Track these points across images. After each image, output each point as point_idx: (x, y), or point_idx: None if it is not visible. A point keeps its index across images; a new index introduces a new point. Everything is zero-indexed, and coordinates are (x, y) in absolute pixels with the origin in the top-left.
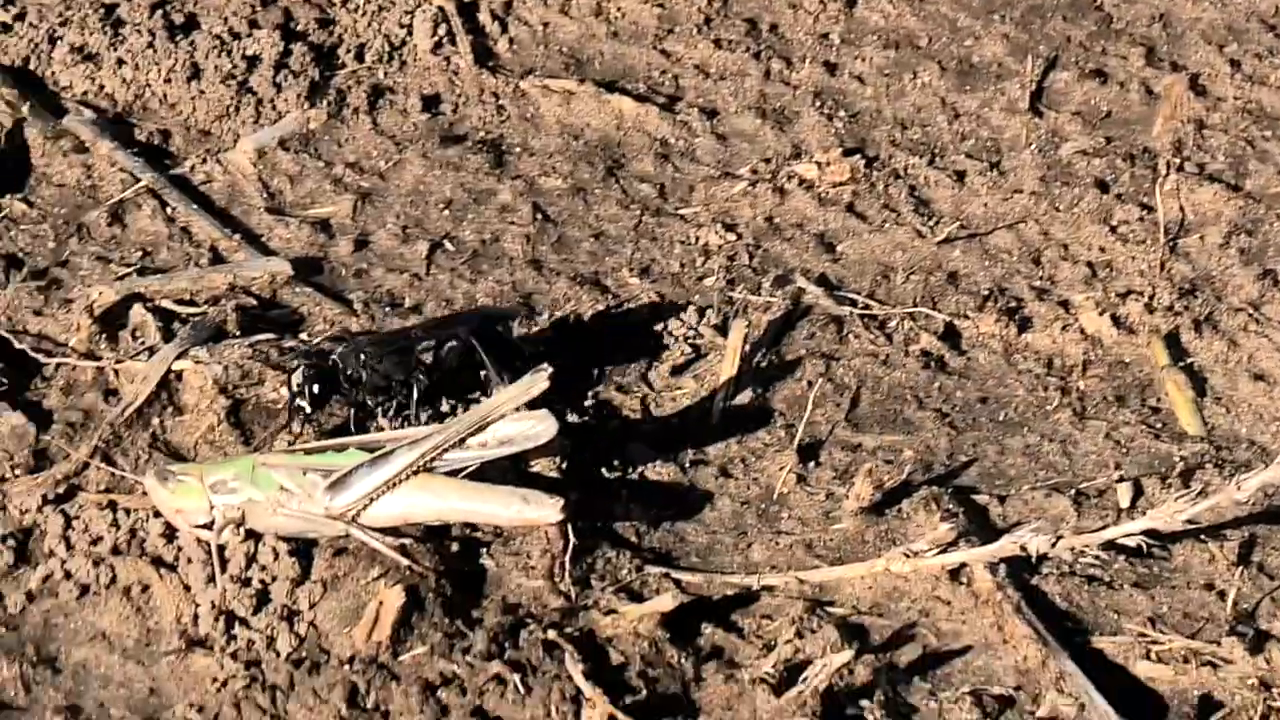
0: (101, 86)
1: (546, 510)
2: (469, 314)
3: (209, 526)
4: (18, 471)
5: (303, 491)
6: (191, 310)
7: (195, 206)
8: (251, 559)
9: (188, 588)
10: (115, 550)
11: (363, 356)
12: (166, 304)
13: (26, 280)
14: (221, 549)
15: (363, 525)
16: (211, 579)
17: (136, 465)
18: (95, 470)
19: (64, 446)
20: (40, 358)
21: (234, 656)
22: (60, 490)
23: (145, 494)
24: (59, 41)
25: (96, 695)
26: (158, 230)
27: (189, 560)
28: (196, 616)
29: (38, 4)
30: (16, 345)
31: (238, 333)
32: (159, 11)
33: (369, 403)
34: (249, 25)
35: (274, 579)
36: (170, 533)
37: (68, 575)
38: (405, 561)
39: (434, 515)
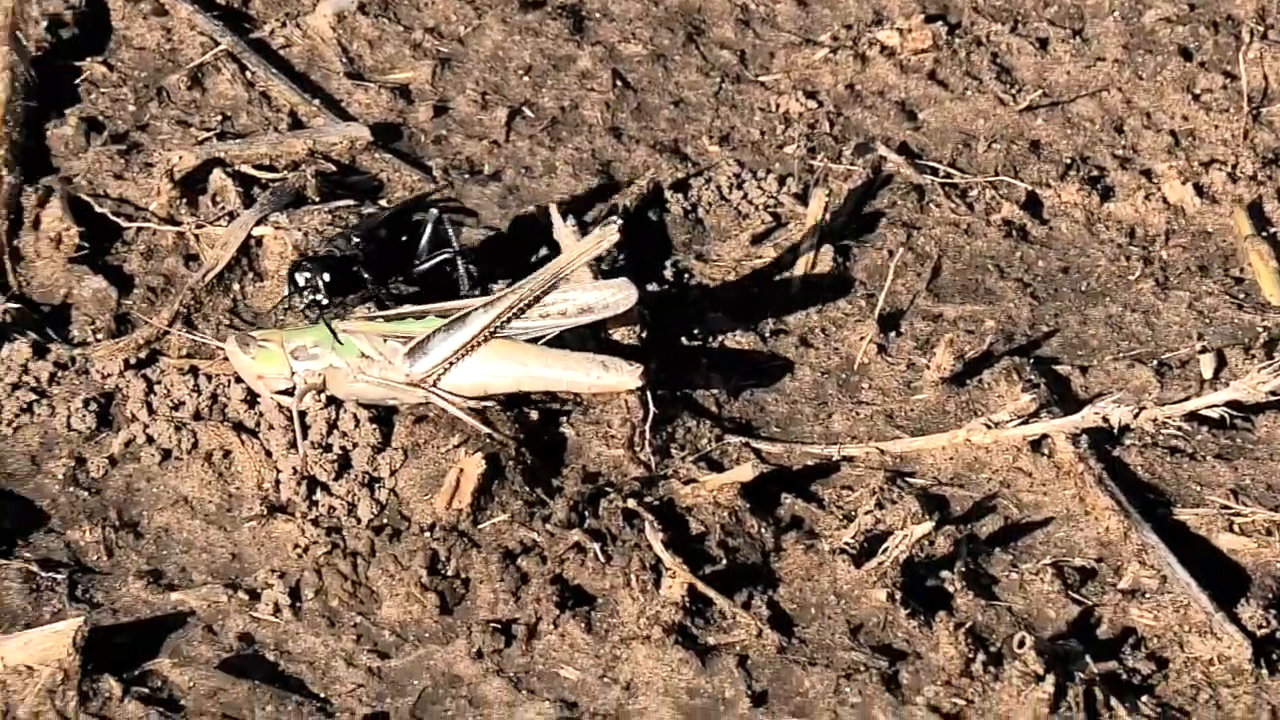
0: None
1: (625, 377)
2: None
3: (289, 392)
4: (99, 336)
5: (383, 358)
6: (271, 175)
7: (275, 71)
8: (333, 426)
9: (269, 453)
10: (197, 415)
11: (352, 240)
12: (246, 169)
13: (107, 144)
14: (303, 415)
15: (442, 391)
16: (293, 445)
17: (217, 331)
18: (176, 335)
19: (145, 311)
20: (121, 222)
21: (315, 523)
22: (142, 355)
23: (226, 359)
24: None
25: (178, 560)
26: (237, 95)
27: (270, 426)
28: (278, 482)
29: None
30: (97, 209)
31: (317, 198)
32: None
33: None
34: None
35: (355, 446)
36: (252, 398)
37: (150, 440)
38: (484, 428)
39: (513, 383)
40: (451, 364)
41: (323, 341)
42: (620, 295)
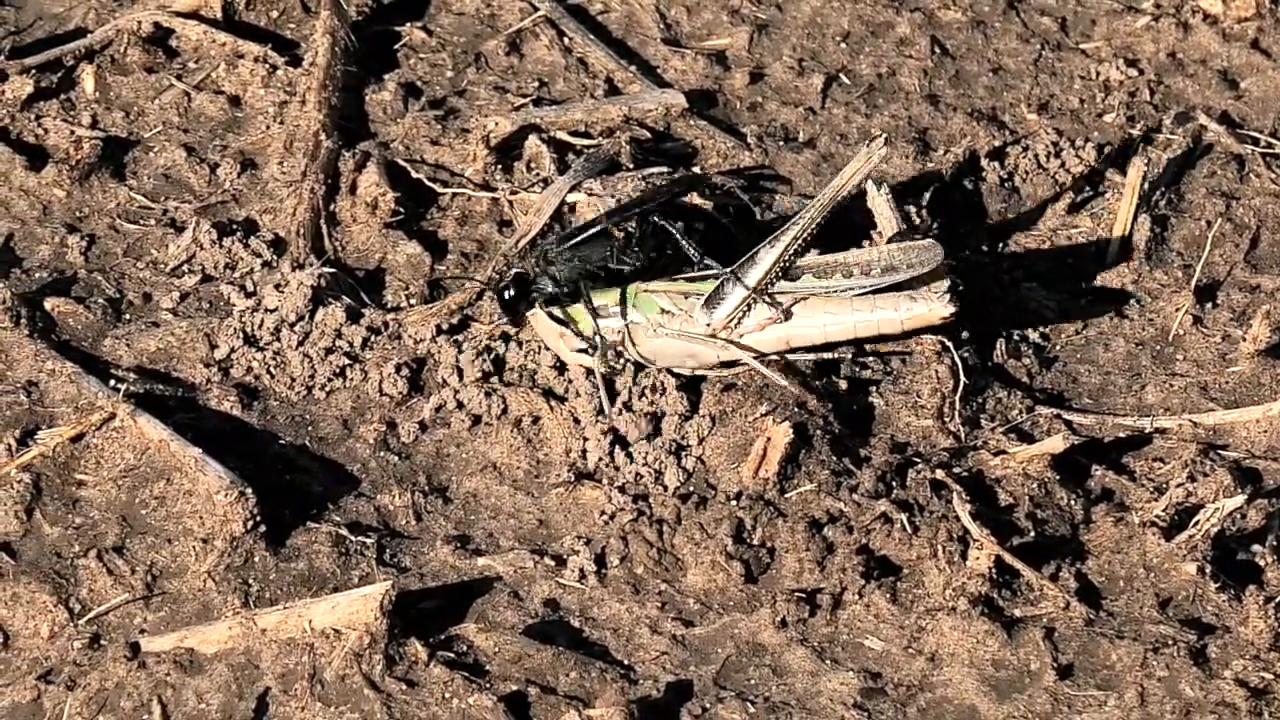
0: None
1: (936, 304)
2: (653, 194)
3: (590, 351)
4: (413, 301)
5: (683, 313)
6: (586, 142)
7: (592, 37)
8: (641, 394)
9: (577, 420)
10: (507, 382)
11: (552, 253)
12: (561, 135)
13: (424, 109)
14: (609, 380)
15: (742, 343)
16: (600, 411)
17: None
18: (489, 301)
19: (459, 276)
20: (436, 187)
21: (622, 490)
22: (454, 320)
23: (530, 322)
24: None
25: (486, 525)
26: (554, 61)
27: (579, 393)
28: (585, 450)
29: None
30: (414, 174)
31: (631, 165)
32: None
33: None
34: None
35: (663, 414)
36: (561, 365)
37: (460, 405)
38: (782, 381)
39: (820, 334)
40: (750, 305)
41: (623, 299)
42: (927, 255)
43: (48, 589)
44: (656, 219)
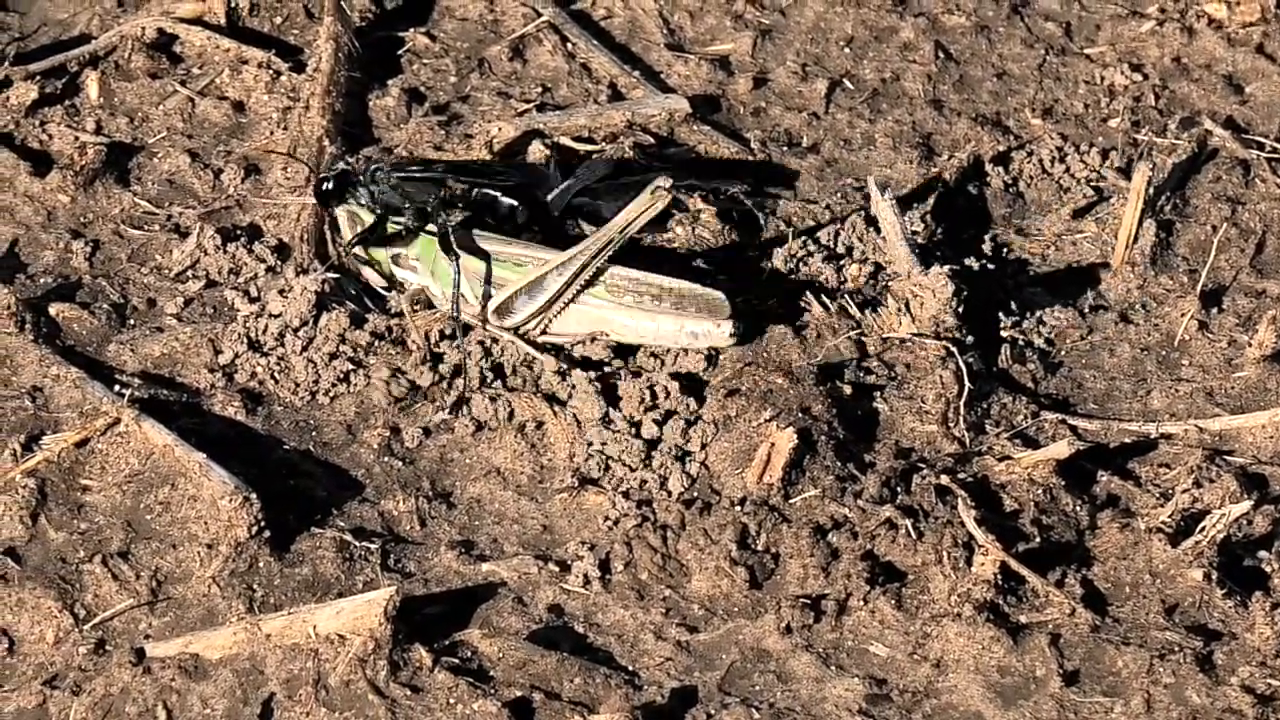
0: None
1: (716, 336)
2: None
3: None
4: (417, 306)
5: (476, 301)
6: (590, 147)
7: (595, 42)
8: (641, 399)
9: (580, 425)
10: (510, 387)
11: (382, 174)
12: (565, 141)
13: (428, 114)
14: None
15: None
16: (605, 419)
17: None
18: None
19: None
20: None
21: (626, 495)
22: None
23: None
24: None
25: (490, 530)
26: (558, 66)
27: (583, 397)
28: (588, 454)
29: None
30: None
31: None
32: None
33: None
34: None
35: (666, 418)
36: (563, 371)
37: (463, 411)
38: (537, 354)
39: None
40: (535, 321)
41: (424, 258)
42: (715, 305)
43: (53, 594)
44: (488, 191)
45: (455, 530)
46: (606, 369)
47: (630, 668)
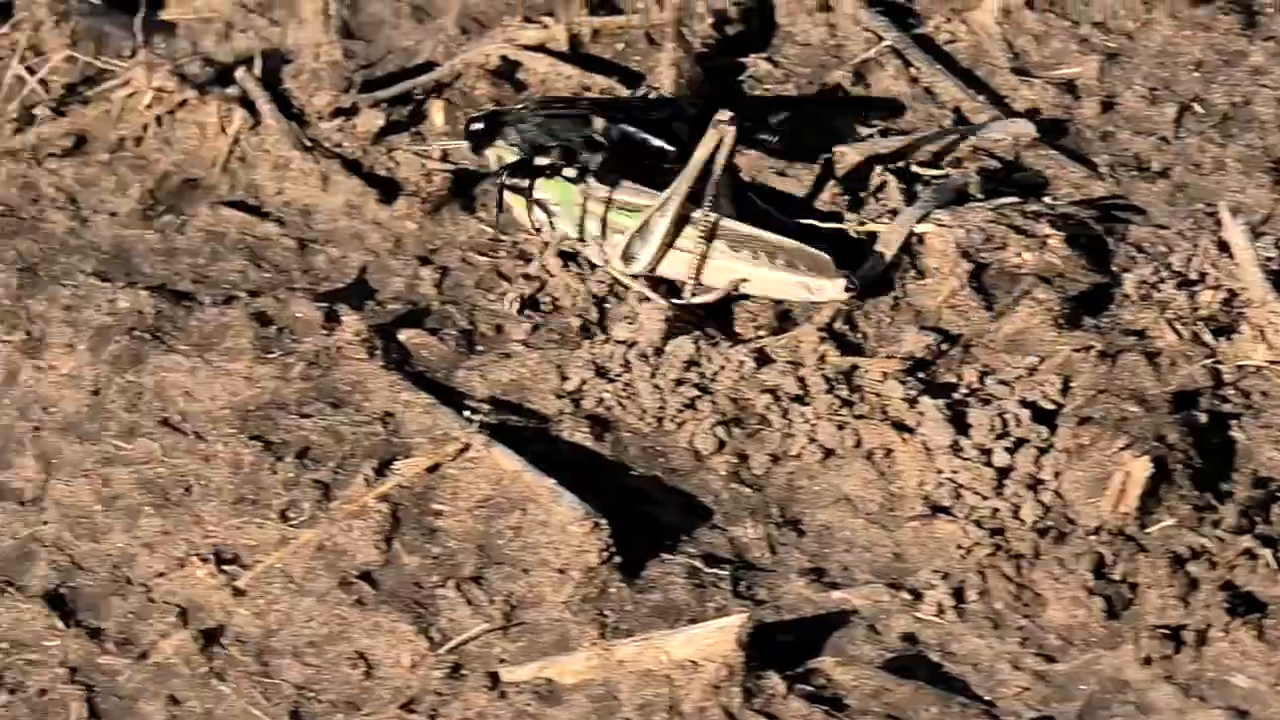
0: None
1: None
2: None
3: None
4: (761, 333)
5: (608, 244)
6: (934, 173)
7: (939, 66)
8: (992, 427)
9: (929, 452)
10: (858, 414)
11: (529, 113)
12: (909, 165)
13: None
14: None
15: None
16: (955, 446)
17: (879, 329)
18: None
19: (806, 307)
20: (782, 218)
21: (978, 524)
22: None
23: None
24: None
25: (840, 558)
26: (900, 91)
27: (933, 424)
28: (939, 482)
29: None
30: (759, 205)
31: (980, 196)
32: None
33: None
34: None
35: (1018, 446)
36: (911, 399)
37: (812, 438)
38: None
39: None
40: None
41: (565, 203)
42: (822, 264)
43: (408, 618)
44: (627, 128)
45: (805, 557)
46: (955, 395)
47: (987, 697)
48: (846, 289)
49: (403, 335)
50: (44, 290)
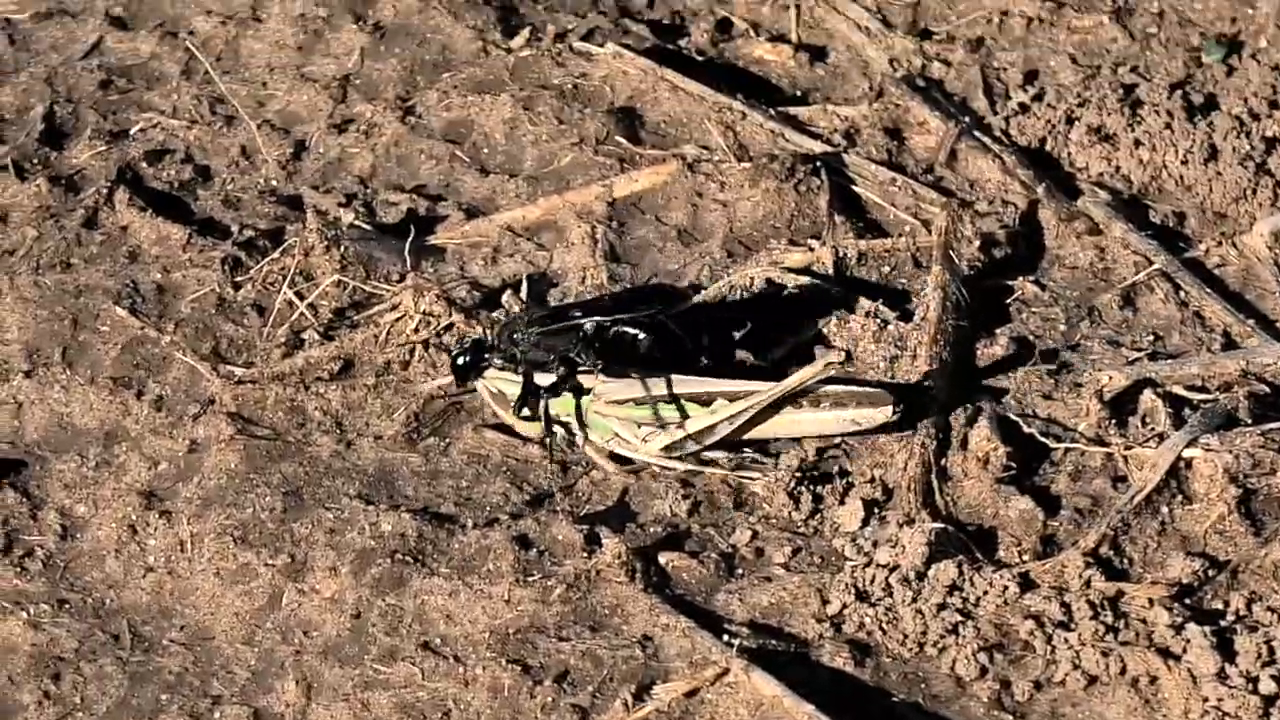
0: (1117, 168)
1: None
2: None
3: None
4: (1025, 558)
5: (635, 440)
6: (1202, 396)
7: (1208, 290)
8: (1258, 654)
9: (1195, 680)
10: (1123, 641)
11: (520, 334)
12: (1177, 389)
13: (1036, 363)
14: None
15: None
16: (1221, 674)
17: (1145, 555)
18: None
19: (1072, 532)
20: (1049, 442)
21: None
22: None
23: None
24: (1076, 123)
25: None
26: (1169, 314)
27: (1198, 651)
28: (1204, 710)
29: (1056, 85)
30: (1025, 429)
31: (1249, 420)
32: (1178, 92)
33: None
34: (1269, 106)
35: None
36: (1177, 625)
37: (1075, 665)
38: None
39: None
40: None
41: (573, 414)
42: (879, 399)
43: None
44: (625, 329)
45: None
46: (1221, 622)
47: None
48: (894, 413)
49: (663, 558)
50: (308, 514)
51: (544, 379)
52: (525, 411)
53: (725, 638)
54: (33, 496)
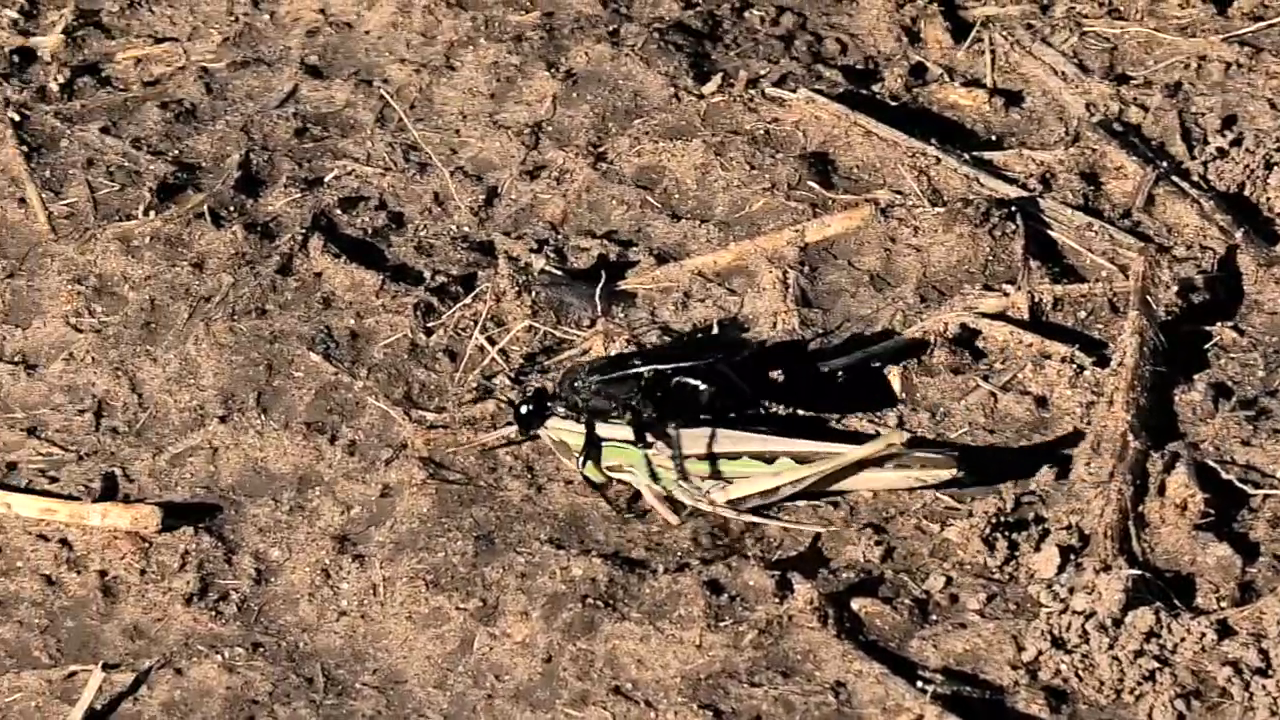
0: None
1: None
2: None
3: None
4: (1223, 604)
5: (700, 494)
6: None
7: None
8: None
9: None
10: None
11: (581, 382)
12: None
13: (1235, 409)
14: None
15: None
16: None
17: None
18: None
19: (1271, 579)
20: (1247, 489)
21: None
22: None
23: None
24: (1275, 168)
25: None
26: None
27: None
28: None
29: (1254, 129)
30: (1224, 475)
31: None
32: None
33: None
34: None
35: None
36: None
37: (1273, 712)
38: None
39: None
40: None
41: (637, 464)
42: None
43: None
44: (686, 379)
45: None
46: None
47: None
48: (955, 473)
49: (855, 604)
50: (499, 558)
51: (619, 431)
52: (589, 464)
53: (919, 684)
54: (227, 541)
